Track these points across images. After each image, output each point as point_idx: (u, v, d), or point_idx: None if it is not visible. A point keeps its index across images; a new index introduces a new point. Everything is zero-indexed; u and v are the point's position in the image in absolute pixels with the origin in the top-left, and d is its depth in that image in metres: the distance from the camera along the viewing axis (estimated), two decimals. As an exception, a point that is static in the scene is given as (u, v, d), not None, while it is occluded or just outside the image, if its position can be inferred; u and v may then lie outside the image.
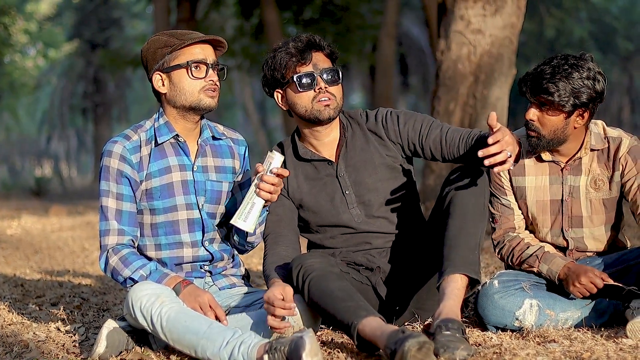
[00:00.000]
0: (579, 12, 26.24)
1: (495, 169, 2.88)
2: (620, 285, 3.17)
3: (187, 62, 3.14)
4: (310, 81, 3.20)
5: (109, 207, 3.17)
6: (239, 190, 3.36)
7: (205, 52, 3.18)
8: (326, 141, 3.33)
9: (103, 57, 22.45)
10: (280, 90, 3.29)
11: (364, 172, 3.30)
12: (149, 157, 3.20)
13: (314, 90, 3.21)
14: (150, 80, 3.22)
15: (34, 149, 44.99)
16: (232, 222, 3.06)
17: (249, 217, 3.03)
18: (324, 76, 3.21)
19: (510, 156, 2.88)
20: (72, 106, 32.60)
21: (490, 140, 2.86)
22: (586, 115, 3.26)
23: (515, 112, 19.01)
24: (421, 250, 3.28)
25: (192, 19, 14.49)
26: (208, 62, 3.17)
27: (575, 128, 3.27)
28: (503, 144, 2.86)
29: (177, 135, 3.22)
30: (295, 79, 3.20)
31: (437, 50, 6.82)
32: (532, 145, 3.31)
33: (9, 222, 11.29)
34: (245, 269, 3.45)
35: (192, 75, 3.14)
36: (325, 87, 3.21)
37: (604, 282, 3.17)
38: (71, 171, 46.59)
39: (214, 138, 3.32)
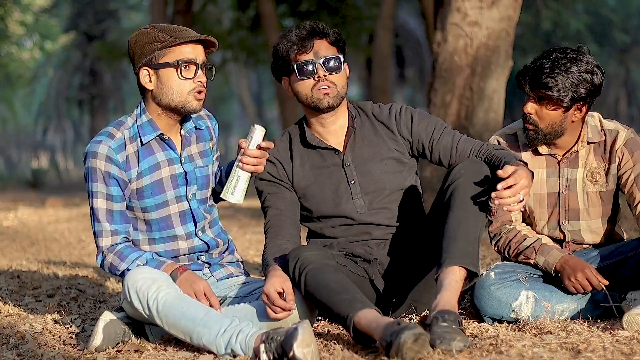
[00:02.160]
0: (576, 5, 26.21)
1: (505, 208, 2.88)
2: (613, 304, 3.18)
3: (177, 61, 3.07)
4: (310, 69, 3.21)
5: (99, 208, 3.15)
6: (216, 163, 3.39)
7: (195, 51, 3.12)
8: (332, 129, 3.33)
9: (99, 49, 22.41)
10: (286, 77, 3.31)
11: (371, 164, 3.31)
12: (137, 156, 3.16)
13: (314, 79, 3.21)
14: (137, 74, 3.16)
15: (30, 141, 44.90)
16: (222, 196, 3.18)
17: (236, 190, 3.15)
18: (324, 64, 3.21)
19: (522, 200, 2.87)
20: (69, 98, 32.55)
21: (499, 187, 2.85)
22: (584, 109, 3.26)
23: (512, 104, 19.01)
24: (420, 243, 3.27)
25: (188, 11, 14.39)
26: (198, 62, 3.11)
27: (572, 122, 3.28)
28: (517, 189, 2.85)
29: (161, 133, 3.18)
30: (295, 67, 3.21)
31: (434, 43, 6.80)
32: (530, 139, 3.32)
33: (5, 214, 11.29)
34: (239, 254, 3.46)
35: (182, 75, 3.08)
36: (325, 75, 3.20)
37: (599, 283, 3.17)
38: (67, 163, 46.57)
39: (196, 128, 3.30)
